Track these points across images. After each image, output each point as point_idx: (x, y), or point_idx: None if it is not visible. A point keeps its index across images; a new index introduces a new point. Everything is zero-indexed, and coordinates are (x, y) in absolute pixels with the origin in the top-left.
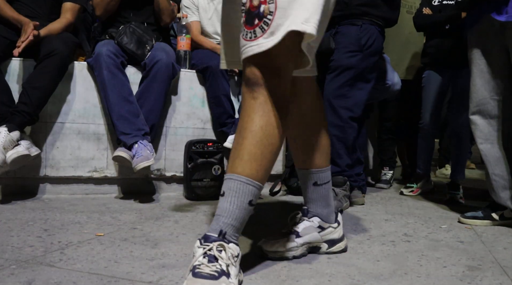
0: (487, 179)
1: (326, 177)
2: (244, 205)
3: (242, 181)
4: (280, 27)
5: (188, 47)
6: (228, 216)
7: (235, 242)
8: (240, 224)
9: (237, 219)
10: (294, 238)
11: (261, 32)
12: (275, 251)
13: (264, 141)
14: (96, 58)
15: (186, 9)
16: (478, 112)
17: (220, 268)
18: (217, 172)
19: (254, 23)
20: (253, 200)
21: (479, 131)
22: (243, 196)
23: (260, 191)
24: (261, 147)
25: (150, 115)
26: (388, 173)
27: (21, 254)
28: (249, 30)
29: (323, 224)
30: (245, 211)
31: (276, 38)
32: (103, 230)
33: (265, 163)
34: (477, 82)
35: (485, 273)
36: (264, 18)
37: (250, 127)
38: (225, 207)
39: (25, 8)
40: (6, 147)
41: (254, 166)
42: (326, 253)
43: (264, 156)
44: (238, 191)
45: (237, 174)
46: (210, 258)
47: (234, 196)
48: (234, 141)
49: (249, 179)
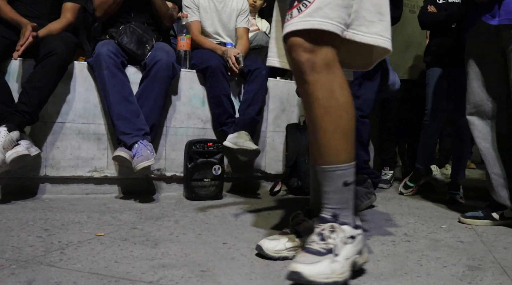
0: (487, 178)
1: None
2: (340, 187)
3: (327, 170)
4: (319, 11)
5: (188, 47)
6: (332, 202)
7: (350, 223)
8: (346, 205)
9: (339, 202)
10: (295, 237)
11: (297, 12)
12: (275, 250)
13: (330, 129)
14: (96, 58)
15: (186, 9)
16: (475, 113)
17: (328, 247)
18: (217, 172)
19: (293, 5)
20: (347, 179)
21: (477, 131)
22: (335, 181)
23: (350, 169)
24: (328, 134)
25: (150, 115)
26: (388, 173)
27: (21, 254)
28: (288, 12)
29: None
30: (343, 193)
31: (313, 21)
32: (103, 230)
33: (341, 145)
34: (473, 84)
35: (485, 273)
36: (303, 0)
37: (312, 119)
38: (326, 195)
39: (25, 8)
40: (6, 147)
41: (331, 152)
42: None
43: (337, 140)
44: (328, 179)
45: (322, 165)
46: (321, 237)
47: (327, 184)
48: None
49: (332, 165)
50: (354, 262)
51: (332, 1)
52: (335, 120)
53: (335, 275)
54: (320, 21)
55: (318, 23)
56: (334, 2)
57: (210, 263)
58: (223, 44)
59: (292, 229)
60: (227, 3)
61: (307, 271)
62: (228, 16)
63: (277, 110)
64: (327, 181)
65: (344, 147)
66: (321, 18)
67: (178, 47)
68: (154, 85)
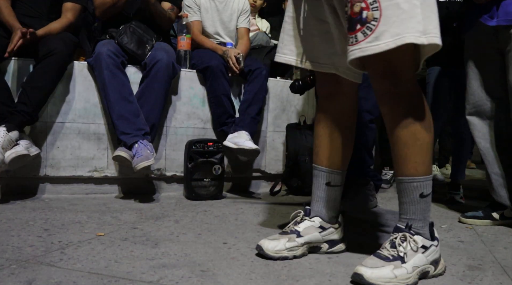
0: (487, 178)
1: (340, 179)
2: (416, 198)
3: (405, 181)
4: (386, 33)
5: (188, 47)
6: (407, 212)
7: (424, 233)
8: (421, 216)
9: (415, 212)
10: (295, 237)
11: (363, 36)
12: (275, 250)
13: (410, 141)
14: (97, 58)
15: (187, 9)
16: (475, 113)
17: (397, 254)
18: (217, 172)
19: (356, 29)
20: (424, 191)
21: (477, 131)
22: (412, 192)
23: (427, 182)
24: (409, 146)
25: (150, 115)
26: (388, 173)
27: (22, 254)
28: (351, 35)
29: (324, 224)
30: (419, 204)
31: (383, 43)
32: (104, 230)
33: (419, 158)
34: (473, 84)
35: (486, 272)
36: (367, 23)
37: (393, 132)
38: (402, 206)
39: (25, 8)
40: (5, 147)
41: (409, 165)
42: (326, 253)
43: (416, 153)
44: (406, 190)
45: (399, 177)
46: (392, 245)
47: (405, 195)
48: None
49: (411, 177)
50: (424, 272)
51: (396, 19)
52: (415, 134)
53: (396, 280)
54: (390, 41)
55: (386, 45)
56: (399, 18)
57: (210, 263)
58: (223, 44)
59: (292, 229)
60: (228, 4)
61: (368, 274)
62: (229, 16)
63: (277, 110)
64: (404, 192)
65: (423, 159)
66: (390, 38)
67: (178, 47)
68: (154, 85)
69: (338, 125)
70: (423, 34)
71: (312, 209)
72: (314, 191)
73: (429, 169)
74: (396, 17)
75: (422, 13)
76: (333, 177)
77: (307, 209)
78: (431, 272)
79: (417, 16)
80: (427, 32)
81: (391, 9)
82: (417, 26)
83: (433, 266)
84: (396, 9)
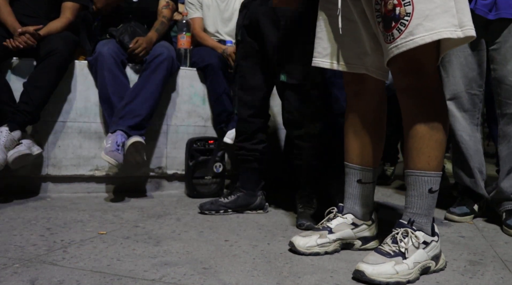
0: (467, 172)
1: (372, 176)
2: (425, 193)
3: (416, 174)
4: (420, 27)
5: (188, 45)
6: (413, 206)
7: (425, 229)
8: (426, 211)
9: (421, 207)
10: (326, 234)
11: (398, 33)
12: (307, 247)
13: (427, 135)
14: (97, 58)
15: (189, 5)
16: (452, 99)
17: (398, 250)
18: (218, 170)
19: (391, 26)
20: (433, 187)
21: (458, 124)
22: (421, 186)
23: (437, 178)
24: (425, 140)
25: (144, 104)
26: (389, 169)
27: (24, 253)
28: (387, 33)
29: (357, 221)
30: (427, 199)
31: (418, 38)
32: (106, 228)
33: (433, 153)
34: (456, 74)
35: (487, 267)
36: (401, 19)
37: (410, 125)
38: (409, 199)
39: (25, 7)
40: (8, 146)
41: (422, 158)
42: (359, 250)
43: (430, 148)
44: (416, 183)
45: (410, 169)
46: (394, 240)
47: (414, 189)
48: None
49: (422, 171)
50: (425, 267)
51: (429, 12)
52: (432, 129)
53: (398, 276)
54: (426, 35)
55: (422, 39)
56: (433, 12)
57: (212, 261)
58: (223, 42)
59: (325, 225)
60: (229, 2)
61: (369, 270)
62: (230, 15)
63: (276, 107)
64: (414, 185)
65: (436, 155)
66: (425, 33)
67: (178, 45)
68: (152, 76)
69: (366, 123)
70: (458, 28)
71: (345, 206)
72: (346, 188)
73: (440, 166)
74: (429, 10)
75: (456, 6)
76: (364, 174)
77: (340, 206)
78: (432, 268)
79: (451, 10)
80: (462, 25)
81: (423, 3)
82: (452, 20)
83: (434, 261)
84: (429, 2)
